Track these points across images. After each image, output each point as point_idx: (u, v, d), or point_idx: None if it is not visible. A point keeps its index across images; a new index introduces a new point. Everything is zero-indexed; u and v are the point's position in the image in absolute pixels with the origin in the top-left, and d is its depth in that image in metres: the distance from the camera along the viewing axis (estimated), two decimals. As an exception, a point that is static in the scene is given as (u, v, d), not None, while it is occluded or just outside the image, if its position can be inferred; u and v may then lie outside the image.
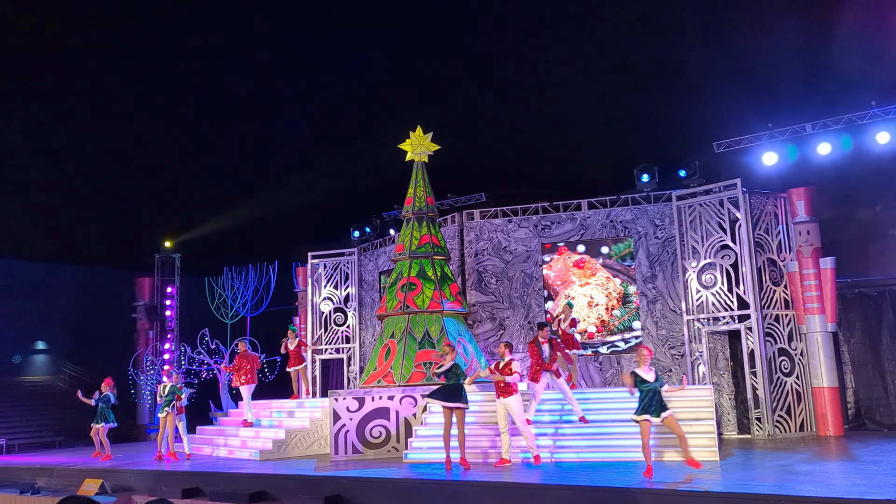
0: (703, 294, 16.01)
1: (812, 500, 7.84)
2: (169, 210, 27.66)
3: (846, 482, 9.06)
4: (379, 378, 15.35)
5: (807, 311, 15.59)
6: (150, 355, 25.95)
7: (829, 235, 16.10)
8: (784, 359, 15.50)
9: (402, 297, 15.88)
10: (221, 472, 12.87)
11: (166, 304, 27.07)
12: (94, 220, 27.71)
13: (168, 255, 27.53)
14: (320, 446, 14.93)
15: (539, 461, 11.40)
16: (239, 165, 27.29)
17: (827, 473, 10.00)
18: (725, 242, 15.90)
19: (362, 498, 10.63)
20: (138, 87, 24.63)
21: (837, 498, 7.84)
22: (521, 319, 17.75)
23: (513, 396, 11.48)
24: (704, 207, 16.22)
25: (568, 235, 17.75)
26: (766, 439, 14.60)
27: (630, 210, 17.41)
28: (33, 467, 15.86)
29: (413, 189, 16.73)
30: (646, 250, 17.13)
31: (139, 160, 26.43)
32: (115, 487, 13.35)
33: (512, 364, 11.50)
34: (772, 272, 15.91)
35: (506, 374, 11.41)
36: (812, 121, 17.19)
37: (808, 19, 18.03)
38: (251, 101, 25.56)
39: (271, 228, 26.75)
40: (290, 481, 11.69)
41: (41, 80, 23.56)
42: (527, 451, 11.86)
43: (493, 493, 9.93)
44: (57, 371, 29.91)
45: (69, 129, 24.45)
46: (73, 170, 25.86)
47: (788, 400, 15.31)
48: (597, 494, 9.16)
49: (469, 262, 18.36)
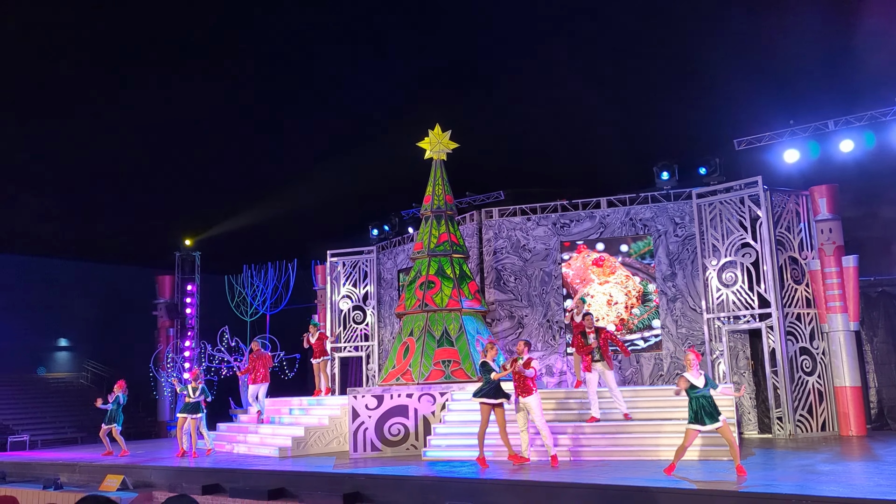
0: (724, 292, 15.88)
1: (834, 501, 7.76)
2: (189, 208, 27.87)
3: (869, 482, 8.97)
4: (397, 376, 15.39)
5: (829, 310, 15.43)
6: (170, 353, 26.17)
7: (852, 233, 15.92)
8: (805, 358, 15.35)
9: (420, 295, 15.90)
10: (241, 468, 12.97)
11: (187, 301, 27.30)
12: (115, 219, 28.01)
13: (188, 253, 27.75)
14: (339, 444, 15.00)
15: (556, 462, 11.33)
16: (259, 164, 27.46)
17: (849, 473, 9.90)
18: (746, 240, 15.76)
19: (381, 495, 10.65)
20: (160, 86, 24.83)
21: (860, 498, 7.76)
22: (539, 318, 17.72)
23: (532, 396, 11.44)
24: (725, 205, 16.09)
25: (587, 233, 17.69)
26: (788, 439, 14.47)
27: (650, 208, 17.32)
28: (56, 463, 16.07)
29: (432, 187, 16.74)
30: (665, 248, 17.03)
31: (160, 159, 26.67)
32: (137, 483, 13.49)
33: (531, 362, 11.47)
34: (793, 270, 15.76)
35: (525, 369, 11.34)
36: (834, 118, 17.02)
37: (830, 16, 17.84)
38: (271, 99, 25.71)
39: (291, 227, 26.89)
40: (309, 478, 11.75)
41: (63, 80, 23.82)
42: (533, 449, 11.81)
43: (512, 491, 9.92)
44: (79, 368, 30.27)
45: (92, 129, 24.71)
46: (95, 169, 26.14)
47: (810, 399, 15.16)
48: (617, 493, 9.13)
49: (488, 261, 18.35)
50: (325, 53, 24.23)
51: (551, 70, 22.58)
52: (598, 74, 22.17)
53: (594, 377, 12.69)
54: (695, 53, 20.28)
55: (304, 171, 26.02)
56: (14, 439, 21.95)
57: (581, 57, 22.04)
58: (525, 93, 23.29)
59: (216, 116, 25.57)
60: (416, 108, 22.52)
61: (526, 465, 11.45)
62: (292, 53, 24.37)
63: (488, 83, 23.21)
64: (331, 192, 24.79)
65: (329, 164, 25.24)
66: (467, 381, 14.80)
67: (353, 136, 25.87)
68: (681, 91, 20.87)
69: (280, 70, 24.76)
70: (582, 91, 22.44)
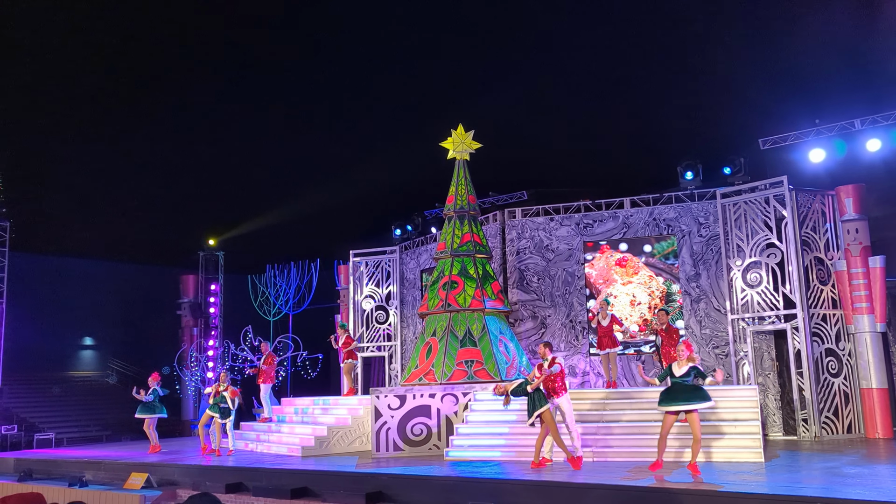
0: (748, 293, 15.75)
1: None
2: (213, 208, 28.11)
3: (895, 485, 8.86)
4: (420, 376, 15.42)
5: (855, 311, 15.25)
6: (194, 352, 26.42)
7: (879, 233, 15.71)
8: (831, 359, 15.18)
9: (443, 295, 15.92)
10: (264, 467, 13.05)
11: (210, 301, 27.54)
12: (140, 219, 28.31)
13: (212, 252, 28.00)
14: (362, 443, 15.05)
15: (580, 463, 11.26)
16: (282, 165, 27.62)
17: (875, 476, 9.78)
18: (771, 241, 15.61)
19: (403, 495, 10.68)
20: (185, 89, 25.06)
21: (887, 501, 7.66)
22: (562, 318, 17.67)
23: (563, 396, 11.44)
24: (750, 205, 15.95)
25: (610, 234, 17.62)
26: (813, 441, 14.32)
27: (673, 208, 17.21)
28: (81, 461, 16.25)
29: (455, 187, 16.75)
30: (689, 248, 16.92)
31: (185, 160, 26.91)
32: (161, 481, 13.61)
33: (555, 360, 11.46)
34: (819, 271, 15.59)
35: (551, 367, 11.32)
36: (861, 116, 16.84)
37: (856, 14, 17.63)
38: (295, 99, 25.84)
39: (313, 227, 27.02)
40: (332, 478, 11.80)
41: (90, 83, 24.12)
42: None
43: (535, 492, 9.91)
44: (104, 367, 30.64)
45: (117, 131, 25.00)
46: (120, 170, 26.44)
47: (836, 401, 14.99)
48: (639, 494, 9.09)
49: (511, 261, 18.33)
50: (349, 54, 24.33)
51: (575, 69, 22.52)
52: (623, 74, 22.07)
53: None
54: (720, 53, 20.13)
55: (327, 172, 26.16)
56: (40, 437, 22.27)
57: (605, 56, 21.95)
58: (548, 92, 23.24)
59: (241, 118, 25.77)
60: (440, 108, 22.56)
61: (550, 465, 11.43)
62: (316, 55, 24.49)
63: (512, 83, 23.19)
64: (354, 192, 24.89)
65: (352, 164, 25.35)
66: (490, 382, 14.78)
67: (377, 137, 25.96)
68: (705, 90, 20.72)
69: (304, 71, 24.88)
70: (606, 91, 22.36)
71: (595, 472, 10.66)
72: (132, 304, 29.59)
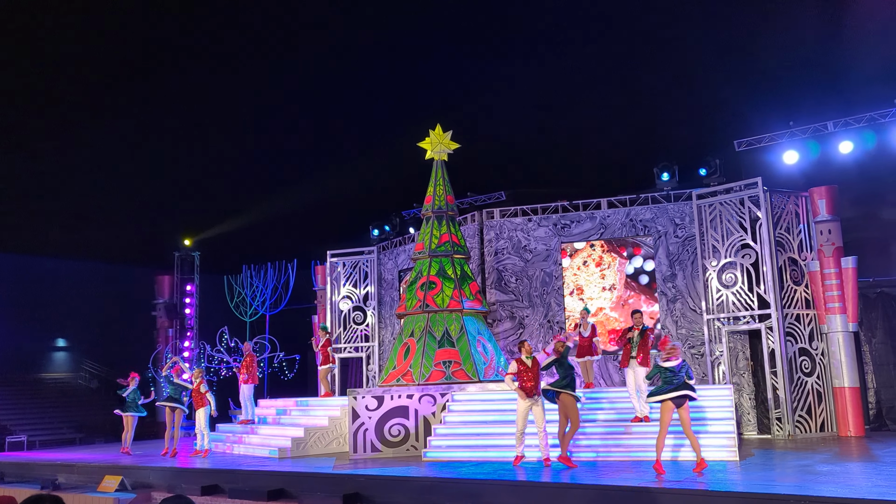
0: (724, 293, 15.90)
1: (832, 501, 7.78)
2: (188, 208, 27.85)
3: (867, 483, 8.99)
4: (398, 377, 15.39)
5: (828, 311, 15.46)
6: (169, 353, 26.15)
7: (851, 234, 15.95)
8: (805, 358, 15.37)
9: (421, 295, 15.90)
10: (240, 469, 12.95)
11: (186, 301, 27.28)
12: (115, 218, 27.98)
13: (188, 253, 27.73)
14: (339, 444, 14.99)
15: (548, 463, 11.29)
16: (258, 164, 27.44)
17: (848, 474, 9.91)
18: (746, 241, 15.78)
19: (381, 496, 10.65)
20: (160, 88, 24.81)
21: (858, 499, 7.77)
22: (540, 318, 17.73)
23: (538, 396, 11.47)
24: (725, 206, 16.11)
25: (588, 234, 17.71)
26: (787, 439, 14.49)
27: (650, 209, 17.34)
28: (54, 463, 16.05)
29: (433, 187, 16.75)
30: (666, 249, 17.05)
31: (159, 159, 26.64)
32: (135, 484, 13.46)
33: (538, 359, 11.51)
34: (793, 271, 15.78)
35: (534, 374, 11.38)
36: (834, 119, 17.09)
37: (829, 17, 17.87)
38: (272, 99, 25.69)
39: (290, 227, 26.88)
40: (309, 479, 11.74)
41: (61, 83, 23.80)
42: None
43: (512, 492, 9.93)
44: (77, 368, 30.22)
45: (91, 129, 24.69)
46: (93, 168, 26.10)
47: (809, 400, 15.18)
48: (617, 494, 9.14)
49: (489, 261, 18.36)
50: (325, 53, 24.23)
51: (552, 71, 22.61)
52: (600, 76, 22.19)
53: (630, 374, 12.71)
54: (695, 55, 20.31)
55: (304, 171, 26.02)
56: (12, 439, 21.92)
57: (581, 58, 22.06)
58: (526, 93, 23.31)
59: (216, 116, 25.56)
60: (418, 108, 22.55)
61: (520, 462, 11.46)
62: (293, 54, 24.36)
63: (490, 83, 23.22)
64: (331, 193, 24.78)
65: (329, 164, 25.24)
66: (468, 382, 14.82)
67: (354, 137, 25.88)
68: (681, 92, 20.90)
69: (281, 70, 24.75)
70: (583, 92, 22.47)
71: (573, 471, 10.69)
72: (106, 304, 29.21)
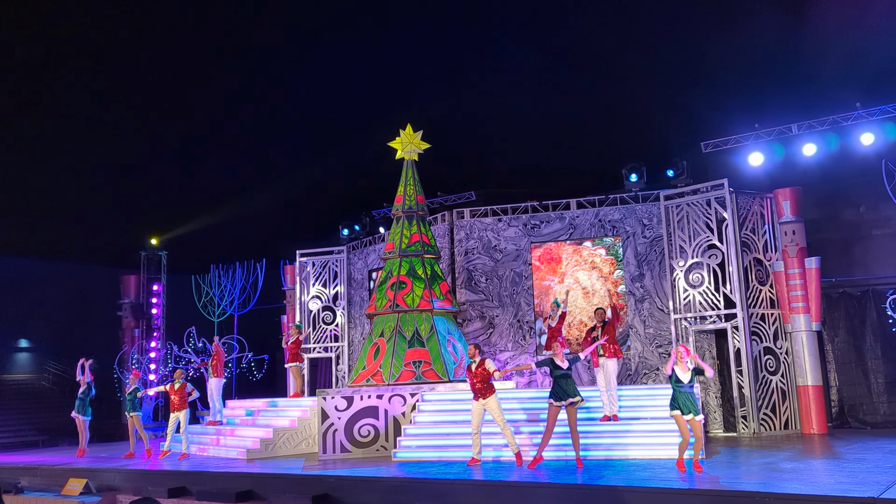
0: (691, 293, 16.11)
1: (796, 498, 7.92)
2: (155, 207, 27.46)
3: (829, 479, 9.15)
4: (368, 377, 15.35)
5: (792, 311, 15.72)
6: (136, 353, 25.80)
7: (815, 235, 16.25)
8: (769, 357, 15.63)
9: (391, 295, 15.88)
10: (208, 471, 12.83)
11: (152, 301, 26.91)
12: (79, 216, 27.47)
13: (154, 252, 27.36)
14: (308, 445, 14.91)
15: (521, 460, 11.41)
16: (227, 162, 27.13)
17: (811, 471, 10.09)
18: (712, 242, 16.00)
19: (351, 497, 10.63)
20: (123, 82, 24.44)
21: (821, 495, 7.92)
22: (510, 318, 17.80)
23: (491, 396, 11.55)
24: (692, 207, 16.32)
25: (557, 234, 17.82)
26: (752, 437, 14.72)
27: (618, 209, 17.49)
28: (17, 466, 15.76)
29: (403, 187, 16.74)
30: (634, 249, 17.21)
31: (124, 156, 26.23)
32: (100, 487, 13.28)
33: (486, 363, 11.57)
34: (758, 272, 16.03)
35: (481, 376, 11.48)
36: (798, 121, 17.35)
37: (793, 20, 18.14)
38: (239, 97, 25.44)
39: (259, 226, 26.62)
40: (278, 480, 11.67)
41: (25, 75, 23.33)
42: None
43: (482, 492, 9.96)
44: (40, 369, 29.64)
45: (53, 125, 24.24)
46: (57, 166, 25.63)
47: (773, 398, 15.44)
48: (585, 493, 9.21)
49: (459, 261, 18.39)
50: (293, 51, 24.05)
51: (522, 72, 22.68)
52: (569, 77, 22.30)
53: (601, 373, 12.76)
54: (662, 57, 20.49)
55: (273, 170, 25.80)
56: (-27, 443, 21.50)
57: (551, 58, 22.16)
58: (496, 94, 23.35)
59: (183, 113, 25.23)
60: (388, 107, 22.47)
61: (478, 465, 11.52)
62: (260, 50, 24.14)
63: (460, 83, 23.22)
64: (301, 192, 24.60)
65: (299, 162, 25.05)
66: (438, 382, 14.83)
67: (324, 135, 25.71)
68: (649, 94, 21.07)
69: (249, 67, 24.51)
70: (552, 93, 22.57)
71: (542, 471, 10.76)
72: (70, 304, 28.67)
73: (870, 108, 16.49)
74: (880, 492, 7.74)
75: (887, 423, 15.50)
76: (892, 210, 15.60)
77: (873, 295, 15.96)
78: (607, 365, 12.72)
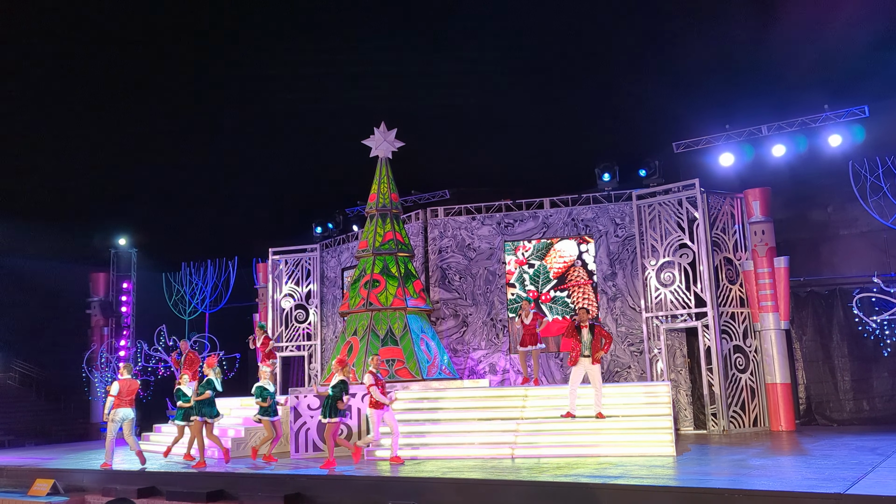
0: (662, 292, 16.25)
1: (765, 494, 8.02)
2: (125, 204, 27.12)
3: (797, 476, 9.27)
4: (340, 375, 15.25)
5: (761, 309, 15.93)
6: (105, 352, 25.44)
7: (783, 235, 16.49)
8: (739, 356, 15.82)
9: (365, 293, 15.83)
10: (178, 471, 12.70)
11: (122, 299, 26.52)
12: (47, 213, 27.03)
13: (124, 250, 27.00)
14: (281, 444, 14.77)
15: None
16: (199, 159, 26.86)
17: (779, 468, 10.23)
18: (684, 241, 16.16)
19: (323, 496, 10.58)
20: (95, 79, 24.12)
21: (789, 491, 8.03)
22: (483, 316, 17.83)
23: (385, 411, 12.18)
24: (664, 207, 16.47)
25: (530, 233, 17.88)
26: (722, 434, 14.89)
27: (591, 209, 17.59)
28: (-18, 467, 15.46)
29: (377, 185, 16.70)
30: (606, 248, 17.32)
31: (95, 153, 25.87)
32: (68, 487, 13.07)
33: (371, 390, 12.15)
34: (728, 271, 16.22)
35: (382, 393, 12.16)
36: (768, 123, 17.58)
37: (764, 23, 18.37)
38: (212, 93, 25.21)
39: (231, 224, 26.39)
40: (250, 480, 11.58)
41: None
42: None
43: (455, 489, 9.95)
44: (7, 368, 29.14)
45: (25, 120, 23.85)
46: (25, 162, 25.23)
47: (743, 396, 15.64)
48: (558, 489, 9.24)
49: (433, 259, 18.38)
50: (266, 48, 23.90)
51: (495, 69, 22.73)
52: (542, 76, 22.41)
53: (576, 375, 12.76)
54: (634, 58, 20.67)
55: (245, 167, 25.60)
56: (-63, 443, 21.07)
57: (524, 57, 22.24)
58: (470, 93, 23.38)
59: (154, 109, 24.97)
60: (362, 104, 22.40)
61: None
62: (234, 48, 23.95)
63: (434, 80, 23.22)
64: (274, 189, 24.44)
65: (272, 160, 24.89)
66: (411, 381, 14.81)
67: (297, 133, 25.56)
68: (622, 94, 21.23)
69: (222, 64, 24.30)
70: (526, 92, 22.66)
71: (512, 468, 10.79)
72: (38, 302, 28.22)
73: (837, 110, 16.75)
74: (846, 487, 7.87)
75: (853, 421, 15.78)
76: (859, 210, 15.85)
77: (840, 294, 16.22)
78: (591, 369, 12.68)
